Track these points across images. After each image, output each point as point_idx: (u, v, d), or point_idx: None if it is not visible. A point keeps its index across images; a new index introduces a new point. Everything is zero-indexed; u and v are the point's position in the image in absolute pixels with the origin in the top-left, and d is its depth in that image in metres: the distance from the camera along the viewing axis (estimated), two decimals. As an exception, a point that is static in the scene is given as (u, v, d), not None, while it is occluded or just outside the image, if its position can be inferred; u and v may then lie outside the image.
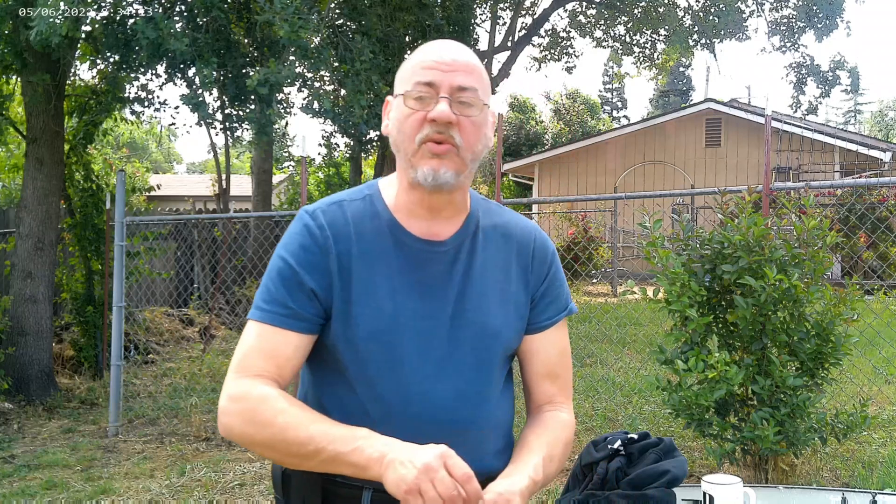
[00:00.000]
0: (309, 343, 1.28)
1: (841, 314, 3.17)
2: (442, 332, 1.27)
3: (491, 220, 1.37)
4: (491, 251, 1.34)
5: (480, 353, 1.30)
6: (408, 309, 1.26)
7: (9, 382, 5.94)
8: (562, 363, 1.41)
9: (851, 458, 3.91)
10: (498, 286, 1.33)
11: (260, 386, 1.22)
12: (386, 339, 1.25)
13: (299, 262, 1.26)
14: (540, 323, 1.38)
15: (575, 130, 27.72)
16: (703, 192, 4.14)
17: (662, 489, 1.44)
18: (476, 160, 1.28)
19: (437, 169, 1.22)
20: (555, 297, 1.39)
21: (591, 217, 13.52)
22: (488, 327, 1.30)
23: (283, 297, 1.25)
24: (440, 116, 1.20)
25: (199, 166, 49.77)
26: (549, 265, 1.39)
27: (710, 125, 16.70)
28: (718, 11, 12.27)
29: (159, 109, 7.01)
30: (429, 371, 1.26)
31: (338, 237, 1.28)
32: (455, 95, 1.22)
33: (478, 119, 1.25)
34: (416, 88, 1.23)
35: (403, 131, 1.24)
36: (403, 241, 1.29)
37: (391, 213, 1.31)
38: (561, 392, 1.40)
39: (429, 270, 1.29)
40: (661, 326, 6.98)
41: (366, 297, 1.26)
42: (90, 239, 7.09)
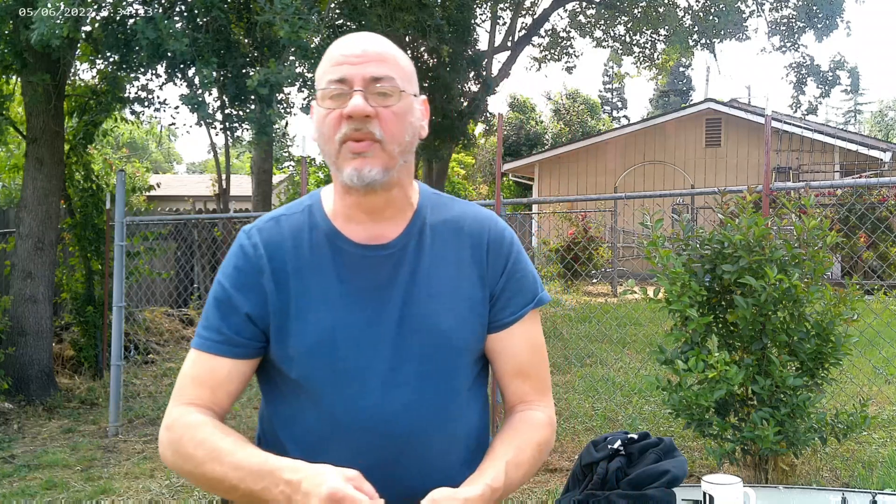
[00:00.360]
0: (246, 368, 1.24)
1: (841, 314, 3.17)
2: (387, 340, 1.21)
3: (440, 215, 1.29)
4: (441, 249, 1.26)
5: (432, 358, 1.22)
6: (349, 320, 1.21)
7: (9, 382, 5.94)
8: (533, 360, 1.32)
9: (851, 458, 3.91)
10: (449, 286, 1.25)
11: (190, 414, 1.19)
12: (326, 353, 1.20)
13: (233, 285, 1.23)
14: (503, 320, 1.29)
15: (575, 130, 27.73)
16: (703, 192, 4.14)
17: (662, 489, 1.44)
18: (407, 151, 1.21)
19: (361, 168, 1.15)
20: (517, 289, 1.30)
21: (591, 217, 13.52)
22: (439, 331, 1.22)
23: (218, 323, 1.22)
24: (354, 111, 1.14)
25: (199, 166, 49.78)
26: (507, 256, 1.30)
27: (710, 125, 16.70)
28: (718, 11, 12.27)
29: (159, 109, 7.01)
30: (375, 383, 1.20)
31: (273, 255, 1.23)
32: (370, 87, 1.16)
33: (399, 108, 1.18)
34: (328, 87, 1.17)
35: (323, 133, 1.18)
36: (342, 249, 1.23)
37: (330, 221, 1.26)
38: (535, 389, 1.32)
39: (371, 277, 1.22)
40: (661, 326, 6.98)
41: (303, 313, 1.21)
42: (90, 239, 7.09)
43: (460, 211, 1.32)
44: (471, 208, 1.34)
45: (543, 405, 1.32)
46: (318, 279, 1.22)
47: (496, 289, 1.28)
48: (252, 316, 1.22)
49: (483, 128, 16.11)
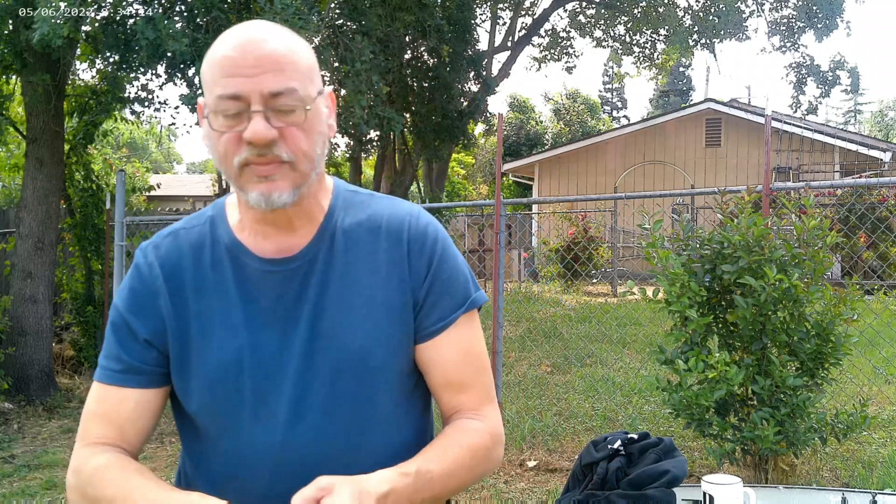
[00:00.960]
0: (154, 397, 1.12)
1: (841, 314, 3.17)
2: (293, 364, 1.08)
3: (355, 216, 1.15)
4: (354, 254, 1.12)
5: (344, 380, 1.09)
6: (254, 344, 1.08)
7: (9, 382, 5.94)
8: (466, 369, 1.16)
9: (851, 458, 3.91)
10: (364, 295, 1.10)
11: (96, 455, 1.08)
12: (228, 386, 1.08)
13: (129, 308, 1.12)
14: (429, 328, 1.13)
15: (575, 130, 27.74)
16: (703, 192, 4.14)
17: (662, 489, 1.44)
18: (318, 161, 1.07)
19: (269, 193, 1.02)
20: (444, 292, 1.14)
21: (591, 217, 13.52)
22: (349, 347, 1.08)
23: (117, 351, 1.11)
24: (255, 138, 0.98)
25: (199, 166, 49.79)
26: (431, 255, 1.14)
27: (710, 125, 16.71)
28: (718, 11, 12.27)
29: (159, 109, 7.02)
30: (281, 415, 1.07)
31: (170, 274, 1.12)
32: (269, 104, 1.00)
33: (306, 122, 1.03)
34: (220, 103, 1.00)
35: (219, 153, 1.02)
36: (245, 265, 1.10)
37: (233, 234, 1.12)
38: (470, 400, 1.17)
39: (278, 294, 1.09)
40: (661, 326, 6.99)
41: (202, 339, 1.09)
42: (90, 239, 7.09)
43: (377, 209, 1.17)
44: (390, 204, 1.18)
45: (480, 414, 1.17)
46: (220, 300, 1.10)
47: (420, 293, 1.13)
48: (151, 341, 1.10)
49: (483, 128, 16.12)
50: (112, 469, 1.05)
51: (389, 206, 1.18)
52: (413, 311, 1.13)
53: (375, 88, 7.12)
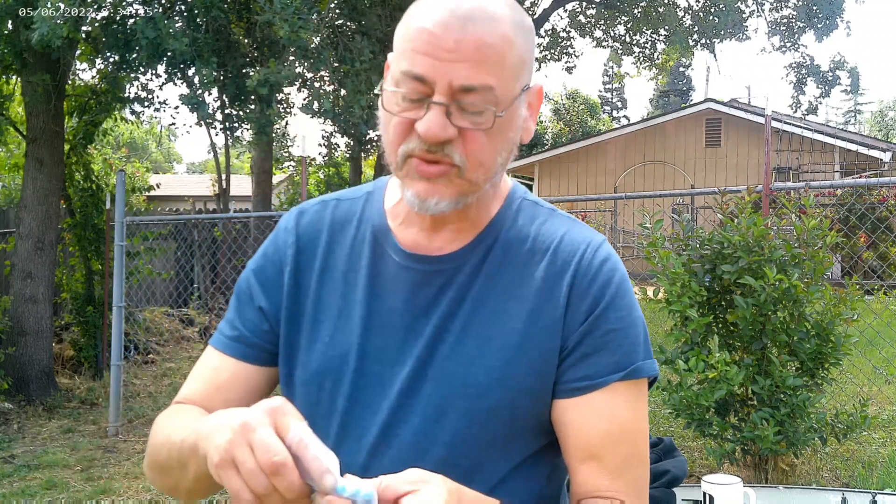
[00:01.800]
0: (254, 375, 0.99)
1: (841, 314, 3.17)
2: (398, 385, 0.91)
3: (522, 230, 0.96)
4: (506, 275, 0.93)
5: (451, 419, 0.89)
6: (362, 349, 0.93)
7: (9, 382, 5.94)
8: (614, 446, 0.90)
9: (851, 458, 3.91)
10: (502, 325, 0.91)
11: (172, 408, 0.98)
12: (324, 389, 0.94)
13: (256, 273, 1.02)
14: (572, 383, 0.90)
15: (575, 130, 27.74)
16: (703, 192, 4.15)
17: (662, 489, 1.44)
18: (497, 172, 0.91)
19: (426, 197, 0.87)
20: (602, 346, 0.91)
21: (591, 217, 13.51)
22: (464, 383, 0.89)
23: (233, 315, 1.02)
24: (428, 135, 0.83)
25: (199, 166, 49.79)
26: (598, 298, 0.91)
27: (710, 125, 16.71)
28: (718, 11, 12.27)
29: (159, 109, 7.02)
30: (369, 439, 0.91)
31: (304, 247, 1.00)
32: (457, 98, 0.84)
33: (493, 127, 0.86)
34: (402, 79, 0.86)
35: (387, 136, 0.90)
36: (386, 255, 0.96)
37: (386, 217, 0.98)
38: (614, 486, 0.90)
39: (407, 296, 0.93)
40: (662, 326, 6.98)
41: (313, 329, 0.97)
42: (90, 239, 7.10)
43: (551, 227, 0.96)
44: (569, 226, 0.97)
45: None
46: (347, 288, 0.96)
47: (571, 339, 0.91)
48: (266, 312, 0.99)
49: (483, 128, 16.10)
50: (170, 414, 0.96)
51: (568, 228, 0.97)
52: (558, 359, 0.91)
53: (375, 88, 7.12)
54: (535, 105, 0.94)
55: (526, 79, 0.91)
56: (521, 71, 0.89)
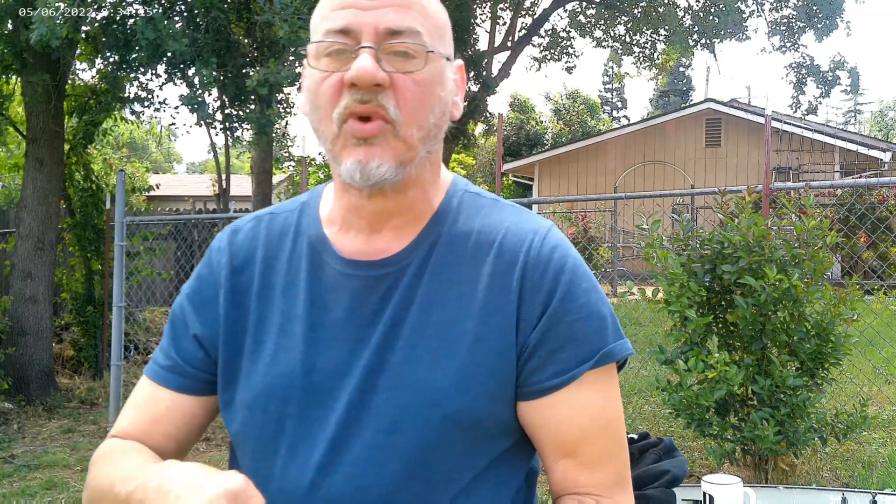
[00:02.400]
0: (192, 406, 0.95)
1: (841, 314, 3.17)
2: (346, 397, 0.85)
3: (467, 223, 0.91)
4: (453, 273, 0.88)
5: (406, 429, 0.84)
6: (308, 364, 0.87)
7: (9, 382, 5.94)
8: (592, 438, 0.87)
9: (851, 458, 3.91)
10: (452, 326, 0.86)
11: (111, 443, 0.94)
12: (270, 411, 0.88)
13: (190, 298, 0.96)
14: (541, 384, 0.86)
15: (575, 130, 27.75)
16: (703, 192, 4.15)
17: (662, 489, 1.44)
18: (431, 137, 0.87)
19: (366, 161, 0.82)
20: (567, 339, 0.86)
21: (591, 217, 13.52)
22: (418, 390, 0.84)
23: (167, 344, 0.97)
24: (360, 76, 0.79)
25: (199, 166, 49.78)
26: (552, 290, 0.86)
27: (710, 125, 16.71)
28: (718, 11, 12.27)
29: (159, 109, 7.02)
30: (317, 457, 0.85)
31: (239, 267, 0.94)
32: (384, 43, 0.81)
33: (424, 75, 0.83)
34: (325, 39, 0.83)
35: (317, 106, 0.84)
36: (325, 265, 0.90)
37: (322, 226, 0.93)
38: (594, 480, 0.88)
39: (351, 306, 0.88)
40: (661, 326, 6.98)
41: (255, 350, 0.91)
42: (90, 239, 7.10)
43: (496, 219, 0.91)
44: (515, 216, 0.92)
45: (607, 499, 0.88)
46: (286, 304, 0.91)
47: (531, 338, 0.86)
48: (201, 340, 0.94)
49: (483, 128, 16.12)
50: (110, 454, 0.91)
51: (514, 219, 0.91)
52: (517, 359, 0.86)
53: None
54: (459, 83, 0.92)
55: (449, 47, 0.90)
56: (444, 33, 0.88)
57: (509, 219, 0.91)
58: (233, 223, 1.01)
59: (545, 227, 0.91)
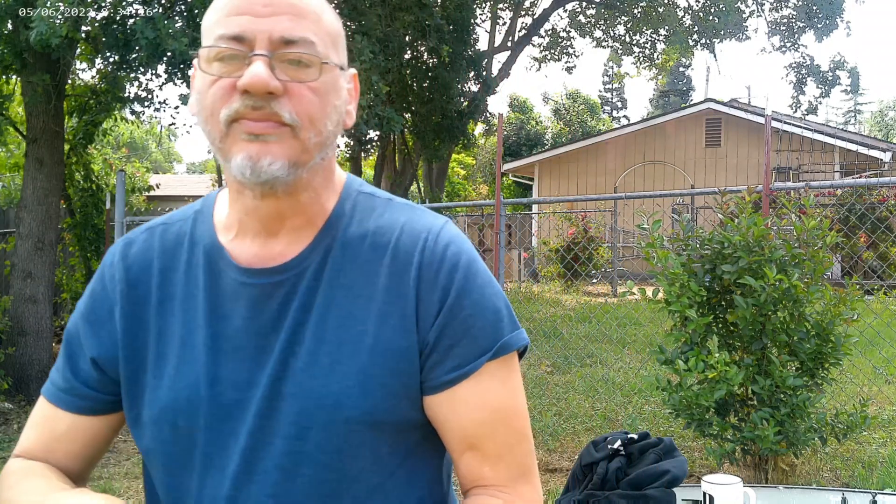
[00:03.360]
0: (93, 426, 0.94)
1: (841, 314, 3.17)
2: (254, 407, 0.86)
3: (361, 225, 0.91)
4: (349, 276, 0.88)
5: (313, 435, 0.85)
6: (213, 375, 0.87)
7: (9, 382, 5.94)
8: (492, 431, 0.89)
9: (851, 458, 3.91)
10: (351, 330, 0.87)
11: (14, 463, 0.94)
12: (179, 426, 0.87)
13: (84, 317, 0.94)
14: (441, 378, 0.88)
15: (575, 130, 27.75)
16: (703, 192, 4.14)
17: (662, 489, 1.44)
18: (326, 145, 0.86)
19: (258, 157, 0.80)
20: (463, 333, 0.88)
21: (591, 217, 13.52)
22: (320, 396, 0.85)
23: (63, 365, 0.95)
24: (253, 83, 0.78)
25: (199, 166, 49.80)
26: (447, 287, 0.88)
27: (710, 125, 16.71)
28: (718, 11, 12.27)
29: (159, 109, 7.02)
30: (232, 468, 0.86)
31: (134, 281, 0.92)
32: (278, 52, 0.81)
33: (318, 84, 0.83)
34: (217, 45, 0.82)
35: (205, 107, 0.83)
36: (222, 274, 0.89)
37: (216, 234, 0.92)
38: (497, 473, 0.90)
39: (250, 314, 0.88)
40: (661, 326, 6.98)
41: (158, 365, 0.90)
42: (90, 239, 7.10)
43: (390, 220, 0.92)
44: (408, 216, 0.93)
45: (510, 494, 0.90)
46: (187, 316, 0.89)
47: (430, 335, 0.87)
48: (99, 361, 0.92)
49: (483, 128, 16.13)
50: (18, 476, 0.90)
51: (407, 218, 0.93)
52: (419, 357, 0.88)
53: (375, 88, 7.12)
54: (352, 92, 0.92)
55: (343, 56, 0.90)
56: (338, 42, 0.89)
57: (403, 218, 0.92)
58: (125, 236, 0.99)
59: (438, 224, 0.93)
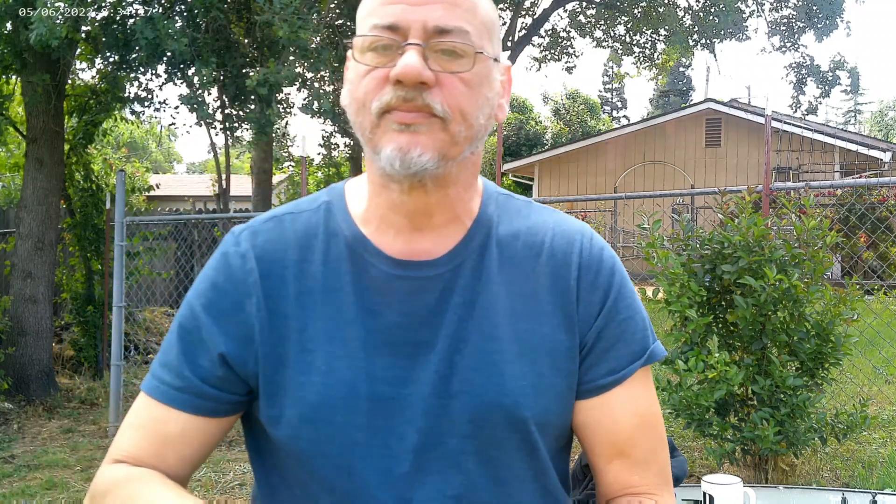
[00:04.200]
0: (212, 427, 0.88)
1: (841, 314, 3.17)
2: (422, 404, 0.83)
3: (511, 224, 0.91)
4: (510, 273, 0.87)
5: (487, 434, 0.83)
6: (368, 371, 0.83)
7: (9, 382, 5.94)
8: (643, 439, 0.91)
9: (851, 458, 3.91)
10: (521, 327, 0.85)
11: (120, 470, 0.86)
12: (336, 423, 0.83)
13: (207, 310, 0.87)
14: (597, 381, 0.88)
15: (575, 130, 27.75)
16: (703, 192, 4.14)
17: (662, 489, 1.44)
18: (476, 138, 0.84)
19: (408, 148, 0.78)
20: (618, 338, 0.89)
21: (591, 217, 13.52)
22: (497, 397, 0.83)
23: (179, 362, 0.87)
24: (406, 73, 0.77)
25: (199, 166, 49.78)
26: (608, 288, 0.90)
27: (710, 125, 16.71)
28: (718, 11, 12.27)
29: (159, 109, 7.02)
30: (400, 468, 0.83)
31: (269, 270, 0.87)
32: (432, 41, 0.79)
33: (471, 75, 0.80)
34: (371, 34, 0.80)
35: (356, 98, 0.82)
36: (370, 267, 0.86)
37: (356, 226, 0.88)
38: (646, 480, 0.90)
39: (407, 309, 0.85)
40: (661, 326, 6.98)
41: (304, 360, 0.84)
42: (90, 239, 7.10)
43: (539, 220, 0.92)
44: (554, 217, 0.94)
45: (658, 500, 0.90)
46: (332, 309, 0.85)
47: (589, 336, 0.88)
48: (229, 358, 0.86)
49: (483, 128, 16.09)
50: (135, 484, 0.83)
51: (554, 220, 0.93)
52: (578, 358, 0.88)
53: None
54: (506, 85, 0.89)
55: (497, 48, 0.87)
56: (493, 33, 0.85)
57: (550, 220, 0.93)
58: (245, 225, 0.93)
59: (587, 227, 0.94)
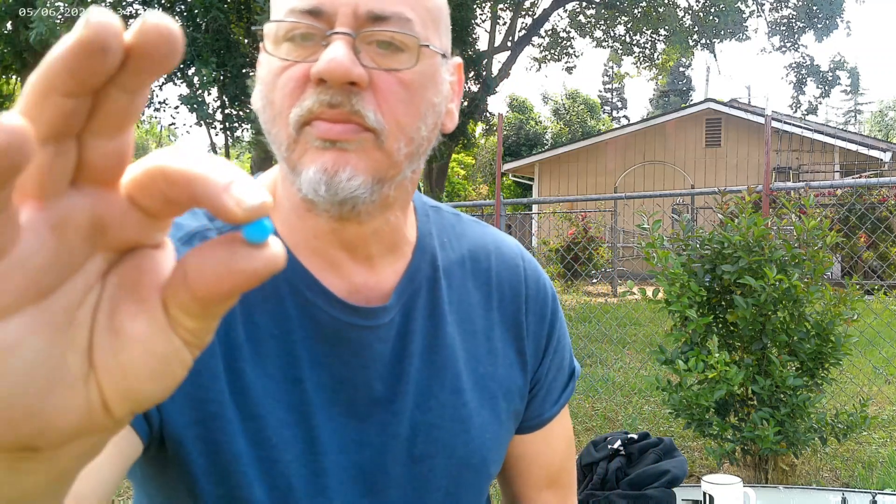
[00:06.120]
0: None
1: (841, 314, 3.17)
2: (397, 468, 0.71)
3: (454, 249, 0.78)
4: (460, 312, 0.76)
5: (462, 498, 0.75)
6: (336, 437, 0.68)
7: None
8: (569, 463, 0.88)
9: (851, 458, 3.91)
10: (478, 374, 0.75)
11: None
12: (308, 499, 0.68)
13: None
14: (544, 415, 0.82)
15: (575, 130, 27.77)
16: (703, 192, 4.15)
17: (662, 489, 1.44)
18: (418, 154, 0.66)
19: (334, 170, 0.60)
20: (559, 365, 0.84)
21: (591, 217, 13.53)
22: (467, 456, 0.74)
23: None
24: (331, 70, 0.58)
25: (199, 166, 49.79)
26: (552, 318, 0.83)
27: (710, 125, 16.71)
28: (718, 11, 12.28)
29: (159, 109, 7.03)
30: None
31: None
32: (363, 30, 0.61)
33: (413, 75, 0.62)
34: (288, 20, 0.62)
35: (272, 102, 0.63)
36: (316, 311, 0.68)
37: (295, 257, 0.69)
38: (567, 500, 0.88)
39: (364, 363, 0.70)
40: (661, 326, 6.99)
41: (253, 424, 0.66)
42: (90, 239, 7.12)
43: (477, 241, 0.80)
44: (490, 235, 0.83)
45: None
46: (283, 362, 0.68)
47: (540, 372, 0.81)
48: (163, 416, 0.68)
49: (483, 128, 16.12)
50: None
51: (491, 239, 0.82)
52: (528, 396, 0.81)
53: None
54: (456, 86, 0.71)
55: (446, 41, 0.69)
56: (440, 22, 0.67)
57: (487, 239, 0.82)
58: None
59: (520, 247, 0.85)
